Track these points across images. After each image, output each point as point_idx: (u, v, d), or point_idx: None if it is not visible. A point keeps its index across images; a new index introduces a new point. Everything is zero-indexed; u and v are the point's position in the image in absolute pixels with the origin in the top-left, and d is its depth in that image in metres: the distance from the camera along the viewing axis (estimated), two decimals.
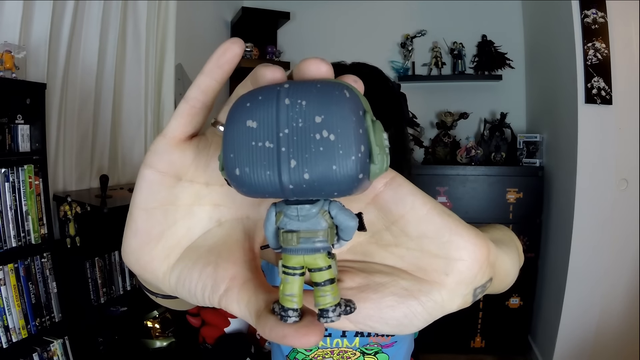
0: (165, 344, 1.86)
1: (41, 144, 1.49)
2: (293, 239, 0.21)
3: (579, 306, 2.13)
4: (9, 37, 1.47)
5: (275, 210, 0.22)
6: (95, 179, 1.96)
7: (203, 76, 0.23)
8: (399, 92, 0.72)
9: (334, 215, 0.21)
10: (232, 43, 0.23)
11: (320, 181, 0.19)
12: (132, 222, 0.25)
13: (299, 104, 0.19)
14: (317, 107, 0.19)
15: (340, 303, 0.22)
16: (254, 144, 0.19)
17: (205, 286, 0.24)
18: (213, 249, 0.25)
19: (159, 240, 0.25)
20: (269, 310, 0.21)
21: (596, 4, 1.99)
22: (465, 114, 2.69)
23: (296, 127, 0.19)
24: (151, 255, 0.25)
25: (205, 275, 0.24)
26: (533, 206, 2.42)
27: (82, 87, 1.85)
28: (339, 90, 0.19)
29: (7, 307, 1.38)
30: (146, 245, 0.25)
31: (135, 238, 0.25)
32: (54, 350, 1.50)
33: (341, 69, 0.69)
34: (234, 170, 0.19)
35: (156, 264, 0.25)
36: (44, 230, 1.50)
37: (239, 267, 0.24)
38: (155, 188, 0.24)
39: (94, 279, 1.64)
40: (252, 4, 2.82)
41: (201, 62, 0.22)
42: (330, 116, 0.18)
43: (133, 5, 2.07)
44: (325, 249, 0.21)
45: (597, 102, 1.99)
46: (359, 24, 2.93)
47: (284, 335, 0.20)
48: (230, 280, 0.23)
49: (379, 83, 0.68)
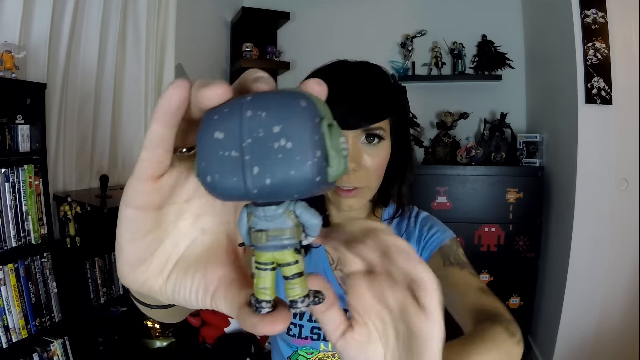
0: (165, 344, 1.86)
1: (41, 144, 1.49)
2: (262, 237, 0.23)
3: (579, 306, 2.13)
4: (9, 37, 1.47)
5: (247, 212, 0.24)
6: (95, 179, 1.96)
7: (156, 124, 0.23)
8: (401, 90, 0.72)
9: (298, 215, 0.23)
10: (176, 88, 0.22)
11: (280, 185, 0.21)
12: (121, 253, 0.26)
13: (259, 116, 0.21)
14: (275, 118, 0.21)
15: (309, 294, 0.24)
16: (222, 154, 0.21)
17: (197, 290, 0.26)
18: (201, 256, 0.27)
19: (151, 261, 0.26)
20: (248, 303, 0.24)
21: (596, 4, 1.99)
22: (465, 114, 2.69)
23: (257, 137, 0.21)
24: (146, 275, 0.26)
25: (197, 281, 0.26)
26: (533, 206, 2.42)
27: (82, 87, 1.85)
28: (295, 101, 0.21)
29: (7, 307, 1.38)
30: (139, 268, 0.26)
31: (128, 265, 0.26)
32: (54, 350, 1.50)
33: (345, 66, 0.69)
34: (206, 177, 0.22)
35: (152, 281, 0.27)
36: (44, 230, 1.50)
37: (225, 268, 0.26)
38: (139, 223, 0.25)
39: (94, 279, 1.64)
40: (252, 4, 2.82)
41: (201, 62, 0.22)
42: (287, 125, 0.20)
43: (133, 5, 2.07)
44: (292, 245, 0.23)
45: (597, 102, 1.99)
46: (359, 24, 2.94)
47: (254, 324, 0.22)
48: (218, 281, 0.26)
49: (382, 80, 0.68)
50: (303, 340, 0.74)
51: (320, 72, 0.69)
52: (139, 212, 0.25)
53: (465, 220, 2.41)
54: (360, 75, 0.67)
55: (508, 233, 2.42)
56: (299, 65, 2.87)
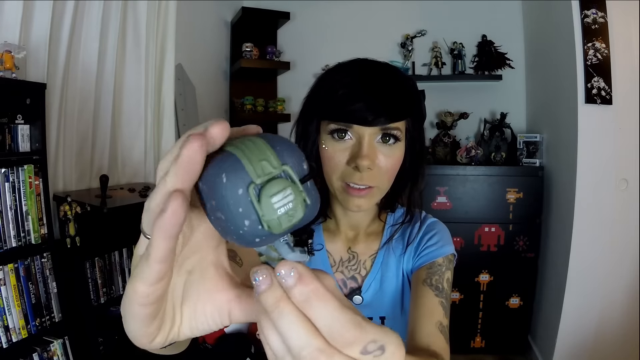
0: None
1: (41, 144, 1.49)
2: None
3: (579, 306, 2.12)
4: (9, 37, 1.47)
5: None
6: (95, 179, 1.96)
7: (160, 241, 0.23)
8: (420, 93, 0.71)
9: (277, 249, 0.39)
10: (173, 214, 0.22)
11: (237, 242, 0.24)
12: (131, 326, 0.27)
13: (204, 190, 0.24)
14: (210, 193, 0.24)
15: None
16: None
17: (214, 317, 0.29)
18: (200, 292, 0.29)
19: (158, 329, 0.28)
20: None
21: (596, 4, 1.99)
22: (465, 114, 2.69)
23: (210, 208, 0.24)
24: (155, 338, 0.29)
25: (209, 311, 0.29)
26: (533, 206, 2.42)
27: (82, 87, 1.85)
28: (218, 178, 0.23)
29: (7, 307, 1.38)
30: (148, 337, 0.28)
31: (137, 337, 0.28)
32: (54, 350, 1.50)
33: (367, 64, 0.67)
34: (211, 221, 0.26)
35: (172, 334, 0.29)
36: (44, 230, 1.50)
37: (227, 290, 0.29)
38: (151, 299, 0.25)
39: (94, 279, 1.64)
40: (252, 4, 2.82)
41: (201, 62, 0.22)
42: (217, 201, 0.23)
43: (133, 5, 2.07)
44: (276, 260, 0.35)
45: (597, 102, 1.99)
46: (359, 24, 2.93)
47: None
48: (227, 303, 0.29)
49: (403, 81, 0.67)
50: None
51: (341, 67, 0.67)
52: (149, 306, 0.26)
53: (465, 220, 2.41)
54: (381, 73, 0.65)
55: (508, 233, 2.42)
56: (299, 65, 2.87)
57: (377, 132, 0.64)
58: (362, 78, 0.63)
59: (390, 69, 0.67)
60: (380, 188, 0.67)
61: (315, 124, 0.68)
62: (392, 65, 0.68)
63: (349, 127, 0.64)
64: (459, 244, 2.41)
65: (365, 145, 0.63)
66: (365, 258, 0.77)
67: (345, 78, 0.64)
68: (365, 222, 0.78)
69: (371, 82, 0.63)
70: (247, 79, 2.88)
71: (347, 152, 0.64)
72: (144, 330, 0.27)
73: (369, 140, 0.63)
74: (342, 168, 0.65)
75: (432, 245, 0.75)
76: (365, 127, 0.63)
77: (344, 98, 0.62)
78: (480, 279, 2.47)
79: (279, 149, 0.24)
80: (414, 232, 0.78)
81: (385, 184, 0.67)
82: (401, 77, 0.67)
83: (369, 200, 0.67)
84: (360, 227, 0.78)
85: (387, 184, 0.68)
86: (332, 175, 0.66)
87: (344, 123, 0.63)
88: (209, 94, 2.75)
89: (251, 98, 2.77)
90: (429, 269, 0.73)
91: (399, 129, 0.65)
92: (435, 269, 0.73)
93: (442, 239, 0.76)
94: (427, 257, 0.74)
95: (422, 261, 0.74)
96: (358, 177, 0.63)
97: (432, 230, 0.78)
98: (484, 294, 2.48)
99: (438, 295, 0.69)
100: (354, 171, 0.63)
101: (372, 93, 0.62)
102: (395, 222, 0.79)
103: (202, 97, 2.62)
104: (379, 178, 0.65)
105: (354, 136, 0.64)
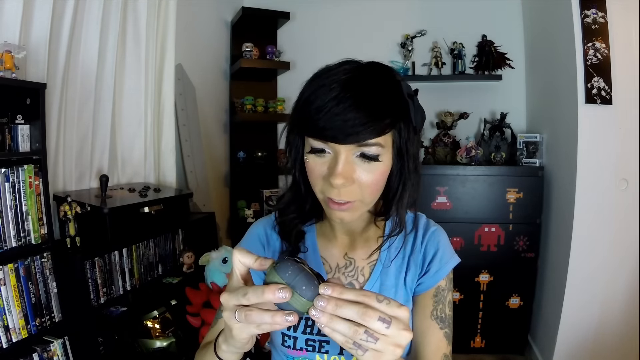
0: (165, 344, 1.86)
1: (41, 144, 1.49)
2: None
3: (579, 306, 2.13)
4: (9, 37, 1.47)
5: None
6: (95, 179, 1.96)
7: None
8: (410, 94, 0.65)
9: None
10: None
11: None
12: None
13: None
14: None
15: None
16: None
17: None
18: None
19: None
20: None
21: (596, 4, 1.99)
22: (465, 114, 2.69)
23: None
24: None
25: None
26: (533, 206, 2.42)
27: (82, 87, 1.85)
28: None
29: (7, 307, 1.38)
30: None
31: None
32: (54, 350, 1.50)
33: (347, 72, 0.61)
34: None
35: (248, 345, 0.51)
36: (44, 230, 1.51)
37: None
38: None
39: (94, 279, 1.64)
40: (252, 4, 2.83)
41: (201, 62, 0.22)
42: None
43: (133, 5, 2.07)
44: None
45: (597, 102, 1.99)
46: (359, 24, 2.94)
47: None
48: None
49: (387, 89, 0.61)
50: (298, 351, 0.73)
51: (321, 75, 0.62)
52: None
53: (465, 220, 2.41)
54: (361, 83, 0.59)
55: (508, 233, 2.43)
56: (299, 65, 2.87)
57: (354, 149, 0.59)
58: (341, 90, 0.57)
59: (374, 75, 0.61)
60: (364, 202, 0.63)
61: (298, 137, 0.67)
62: (378, 70, 0.63)
63: (325, 143, 0.60)
64: (459, 244, 2.41)
65: (340, 163, 0.59)
66: (363, 265, 0.76)
67: (320, 90, 0.59)
68: (359, 228, 0.76)
69: (347, 95, 0.57)
70: (247, 79, 2.88)
71: (326, 167, 0.61)
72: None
73: (346, 157, 0.59)
74: (322, 182, 0.62)
75: (437, 263, 0.73)
76: (338, 144, 0.58)
77: (316, 114, 0.58)
78: (480, 279, 2.47)
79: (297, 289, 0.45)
80: (417, 242, 0.76)
81: (368, 198, 0.63)
82: (385, 84, 0.61)
83: (351, 214, 0.64)
84: (355, 232, 0.76)
85: (370, 197, 0.64)
86: (315, 187, 0.64)
87: (319, 140, 0.60)
88: (209, 94, 2.75)
89: (251, 98, 2.78)
90: (435, 297, 0.72)
91: (379, 144, 0.59)
92: (440, 296, 0.72)
93: (443, 257, 0.74)
94: (432, 280, 0.73)
95: (428, 285, 0.73)
96: (335, 193, 0.60)
97: (436, 242, 0.75)
98: (484, 294, 2.48)
99: (443, 327, 0.72)
100: (332, 187, 0.60)
101: (347, 108, 0.56)
102: (391, 229, 0.74)
103: (202, 97, 2.63)
104: (359, 193, 0.62)
105: (332, 151, 0.60)
